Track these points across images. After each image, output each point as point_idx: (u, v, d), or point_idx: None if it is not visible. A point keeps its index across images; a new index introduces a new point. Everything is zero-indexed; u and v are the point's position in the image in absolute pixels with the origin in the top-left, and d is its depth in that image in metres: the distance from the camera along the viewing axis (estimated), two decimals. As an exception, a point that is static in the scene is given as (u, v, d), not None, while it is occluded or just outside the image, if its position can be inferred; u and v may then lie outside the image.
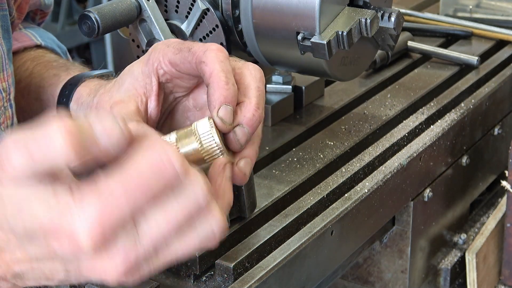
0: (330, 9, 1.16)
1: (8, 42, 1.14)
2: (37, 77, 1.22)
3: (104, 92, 1.02)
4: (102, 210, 0.68)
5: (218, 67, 0.89)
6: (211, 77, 0.89)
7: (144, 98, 0.96)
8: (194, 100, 1.00)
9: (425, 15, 1.82)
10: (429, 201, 1.30)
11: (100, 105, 1.00)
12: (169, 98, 1.00)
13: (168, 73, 0.96)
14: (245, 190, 1.00)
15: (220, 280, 0.96)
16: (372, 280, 1.35)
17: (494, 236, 1.46)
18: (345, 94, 1.44)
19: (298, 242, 1.00)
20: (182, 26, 1.25)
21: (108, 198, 0.68)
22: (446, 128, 1.32)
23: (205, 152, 0.88)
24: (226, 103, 0.88)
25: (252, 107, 0.90)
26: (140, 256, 0.70)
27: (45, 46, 1.33)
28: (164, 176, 0.69)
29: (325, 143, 1.26)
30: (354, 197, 1.11)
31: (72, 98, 1.12)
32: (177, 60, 0.94)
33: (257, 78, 0.93)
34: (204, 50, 0.91)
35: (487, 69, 1.57)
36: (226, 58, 0.91)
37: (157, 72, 0.96)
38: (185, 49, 0.93)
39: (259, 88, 0.92)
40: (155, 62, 0.95)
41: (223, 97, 0.88)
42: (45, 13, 1.38)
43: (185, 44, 0.94)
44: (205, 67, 0.90)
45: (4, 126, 1.13)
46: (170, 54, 0.94)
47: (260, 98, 0.91)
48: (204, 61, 0.90)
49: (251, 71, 0.93)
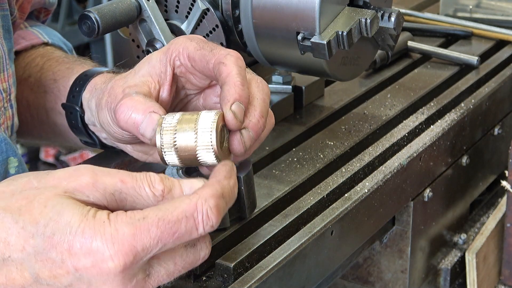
0: (330, 9, 1.16)
1: (9, 42, 1.13)
2: (48, 71, 1.23)
3: (120, 78, 1.03)
4: (135, 237, 0.77)
5: (236, 70, 0.92)
6: (228, 76, 0.92)
7: (158, 85, 0.98)
8: (204, 101, 1.02)
9: (425, 15, 1.82)
10: (429, 201, 1.30)
11: (113, 90, 1.00)
12: (180, 93, 1.02)
13: (184, 65, 0.98)
14: (245, 191, 1.00)
15: (220, 280, 0.96)
16: (372, 280, 1.35)
17: (494, 236, 1.46)
18: (345, 94, 1.44)
19: (298, 242, 1.00)
20: (182, 26, 1.25)
21: (143, 228, 0.78)
22: (446, 128, 1.32)
23: (197, 143, 0.89)
24: (240, 101, 0.90)
25: (257, 113, 0.92)
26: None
27: (52, 44, 1.34)
28: (190, 233, 0.79)
29: (325, 143, 1.26)
30: (354, 197, 1.11)
31: (86, 87, 1.13)
32: (196, 56, 0.96)
33: (264, 91, 0.96)
34: (226, 54, 0.94)
35: (487, 69, 1.57)
36: (243, 66, 0.94)
37: (174, 62, 0.98)
38: (207, 48, 0.96)
39: (265, 100, 0.95)
40: (174, 52, 0.98)
41: (238, 95, 0.91)
42: (48, 10, 1.38)
43: (208, 44, 0.97)
44: (223, 67, 0.93)
45: (4, 127, 1.13)
46: (191, 49, 0.97)
47: (264, 108, 0.94)
48: (224, 62, 0.93)
49: (258, 84, 0.96)
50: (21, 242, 0.79)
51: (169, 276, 0.82)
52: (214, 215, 0.80)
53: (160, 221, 0.78)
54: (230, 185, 0.83)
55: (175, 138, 0.90)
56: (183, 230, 0.79)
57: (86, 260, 0.77)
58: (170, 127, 0.90)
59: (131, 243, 0.77)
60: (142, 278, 0.80)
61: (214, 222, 0.80)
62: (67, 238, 0.78)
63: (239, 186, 0.99)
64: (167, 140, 0.90)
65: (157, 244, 0.78)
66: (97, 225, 0.77)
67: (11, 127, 1.14)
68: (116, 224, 0.77)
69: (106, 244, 0.77)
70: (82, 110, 1.13)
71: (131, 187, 0.82)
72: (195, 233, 0.80)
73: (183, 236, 0.79)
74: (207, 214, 0.79)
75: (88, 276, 0.78)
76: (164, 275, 0.82)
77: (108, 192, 0.81)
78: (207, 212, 0.79)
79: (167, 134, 0.90)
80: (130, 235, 0.77)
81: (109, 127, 1.03)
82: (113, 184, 0.81)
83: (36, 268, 0.79)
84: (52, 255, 0.78)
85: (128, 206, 0.82)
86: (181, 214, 0.79)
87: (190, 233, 0.79)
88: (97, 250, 0.77)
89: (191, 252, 0.83)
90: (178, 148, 0.90)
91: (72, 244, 0.77)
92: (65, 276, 0.78)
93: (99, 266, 0.77)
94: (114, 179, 0.81)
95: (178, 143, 0.90)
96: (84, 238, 0.77)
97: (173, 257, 0.82)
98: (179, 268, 0.82)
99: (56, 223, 0.78)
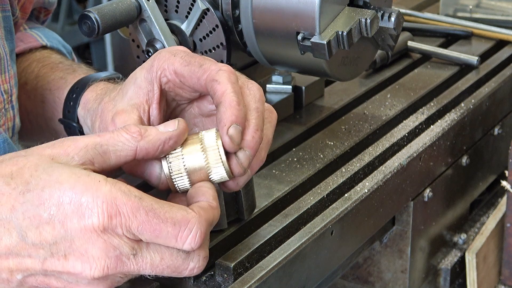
0: (330, 9, 1.16)
1: (11, 43, 1.13)
2: (43, 80, 1.22)
3: (109, 100, 1.02)
4: (124, 206, 0.80)
5: (231, 88, 0.91)
6: (223, 96, 0.91)
7: (147, 106, 0.97)
8: (199, 109, 1.01)
9: (425, 15, 1.82)
10: (429, 201, 1.30)
11: (104, 114, 1.01)
12: (171, 104, 1.00)
13: (172, 82, 0.96)
14: (243, 192, 1.00)
15: (220, 280, 0.96)
16: (372, 280, 1.35)
17: (494, 236, 1.46)
18: (345, 94, 1.44)
19: (298, 242, 1.00)
20: (182, 26, 1.25)
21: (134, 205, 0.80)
22: (446, 128, 1.32)
23: (208, 161, 0.89)
24: (237, 123, 0.90)
25: (251, 129, 0.91)
26: (122, 269, 0.82)
27: (51, 47, 1.33)
28: (169, 240, 0.82)
29: (325, 143, 1.26)
30: (354, 197, 1.11)
31: (80, 103, 1.13)
32: (184, 72, 0.95)
33: (257, 98, 0.94)
34: (217, 69, 0.92)
35: (487, 69, 1.57)
36: (236, 80, 0.93)
37: (160, 79, 0.96)
38: (196, 64, 0.94)
39: (258, 109, 0.93)
40: (158, 70, 0.96)
41: (235, 116, 0.90)
42: (48, 10, 1.38)
43: (195, 57, 0.95)
44: (217, 85, 0.91)
45: (5, 128, 1.13)
46: (177, 65, 0.95)
47: (259, 120, 0.92)
48: (217, 80, 0.92)
49: (250, 91, 0.94)
50: (11, 202, 0.81)
51: (152, 268, 0.83)
52: (199, 239, 0.83)
53: (151, 211, 0.81)
54: (217, 216, 0.87)
55: (183, 162, 0.89)
56: (164, 233, 0.81)
57: (73, 215, 0.80)
58: (175, 153, 0.90)
59: (119, 208, 0.80)
60: (127, 254, 0.81)
61: (195, 245, 0.83)
62: (57, 193, 0.80)
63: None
64: (176, 166, 0.90)
65: (137, 228, 0.80)
66: (91, 182, 0.80)
67: (12, 128, 1.14)
68: (112, 187, 0.80)
69: (97, 201, 0.80)
70: (79, 125, 1.13)
71: (109, 137, 0.86)
72: (172, 242, 0.82)
73: (161, 238, 0.82)
74: (194, 236, 0.82)
75: (72, 233, 0.80)
76: (148, 264, 0.83)
77: (89, 147, 0.84)
78: (195, 234, 0.82)
79: (174, 161, 0.90)
80: (120, 202, 0.80)
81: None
82: (92, 140, 0.85)
83: (24, 226, 0.81)
84: (40, 211, 0.81)
85: (113, 156, 0.86)
86: (172, 219, 0.81)
87: (168, 240, 0.82)
88: (86, 205, 0.80)
89: (181, 257, 0.84)
90: (189, 171, 0.90)
91: (61, 198, 0.80)
92: (50, 233, 0.81)
93: (84, 221, 0.80)
94: (92, 137, 0.86)
95: (187, 166, 0.90)
96: (74, 193, 0.80)
97: (162, 252, 0.83)
98: (164, 265, 0.84)
99: (46, 181, 0.81)
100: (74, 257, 0.81)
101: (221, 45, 1.24)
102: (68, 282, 0.83)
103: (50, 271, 0.82)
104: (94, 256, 0.81)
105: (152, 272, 0.84)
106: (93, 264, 0.81)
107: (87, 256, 0.81)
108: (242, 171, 0.91)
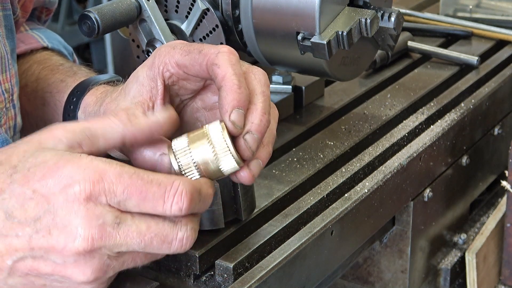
0: (330, 9, 1.16)
1: (12, 42, 1.13)
2: (44, 82, 1.22)
3: (111, 101, 1.02)
4: (106, 172, 0.81)
5: (231, 70, 0.90)
6: (223, 80, 0.90)
7: (151, 103, 0.97)
8: (202, 101, 1.01)
9: (425, 15, 1.82)
10: (429, 201, 1.30)
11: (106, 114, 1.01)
12: (175, 100, 1.00)
13: (175, 75, 0.96)
14: (242, 193, 1.00)
15: (220, 280, 0.96)
16: (372, 280, 1.35)
17: (494, 236, 1.46)
18: (345, 94, 1.44)
19: (298, 242, 1.00)
20: (182, 26, 1.25)
21: (116, 171, 0.81)
22: (446, 128, 1.32)
23: (215, 152, 0.89)
24: (239, 107, 0.89)
25: (258, 112, 0.91)
26: (107, 240, 0.81)
27: (52, 48, 1.33)
28: (156, 202, 0.82)
29: (325, 143, 1.26)
30: (354, 197, 1.11)
31: (80, 107, 1.13)
32: (186, 61, 0.94)
33: (262, 82, 0.94)
34: (216, 52, 0.92)
35: (487, 69, 1.57)
36: (237, 61, 0.92)
37: (163, 74, 0.96)
38: (195, 51, 0.94)
39: (264, 93, 0.93)
40: (160, 65, 0.96)
41: (236, 101, 0.89)
42: (50, 10, 1.38)
43: (193, 46, 0.95)
44: (217, 69, 0.91)
45: (6, 127, 1.13)
46: (178, 56, 0.95)
47: (265, 103, 0.92)
48: (217, 64, 0.91)
49: (255, 75, 0.94)
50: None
51: (139, 237, 0.82)
52: (186, 200, 0.83)
53: (135, 175, 0.81)
54: (209, 191, 0.87)
55: (191, 156, 0.89)
56: (151, 194, 0.82)
57: (55, 187, 0.81)
58: (183, 149, 0.90)
59: (101, 175, 0.81)
60: (111, 223, 0.81)
61: (183, 206, 0.82)
62: (41, 171, 0.82)
63: (236, 188, 0.99)
64: (185, 161, 0.90)
65: (122, 192, 0.81)
66: (73, 156, 0.82)
67: (13, 127, 1.14)
68: (93, 159, 0.82)
69: (78, 170, 0.81)
70: None
71: (97, 121, 0.87)
72: (160, 205, 0.82)
73: (148, 200, 0.82)
74: (180, 195, 0.82)
75: (55, 205, 0.81)
76: (134, 233, 0.82)
77: (77, 131, 0.85)
78: (181, 193, 0.82)
79: (183, 156, 0.90)
80: (102, 168, 0.81)
81: (113, 153, 1.02)
82: (80, 124, 0.87)
83: (10, 206, 0.82)
84: (25, 189, 0.82)
85: (101, 140, 0.86)
86: (156, 181, 0.82)
87: (156, 202, 0.82)
88: (68, 174, 0.81)
89: (168, 226, 0.84)
90: (197, 164, 0.89)
91: (44, 173, 0.82)
92: (34, 208, 0.81)
93: (66, 191, 0.80)
94: (81, 122, 0.87)
95: (196, 160, 0.89)
96: (57, 167, 0.81)
97: (148, 221, 0.83)
98: (151, 234, 0.83)
99: (32, 163, 0.83)
100: (57, 230, 0.81)
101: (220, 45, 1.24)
102: (56, 264, 0.82)
103: (37, 250, 0.82)
104: (77, 226, 0.80)
105: (140, 243, 0.83)
106: (76, 235, 0.80)
107: (70, 228, 0.80)
108: (251, 154, 0.90)
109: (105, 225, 0.81)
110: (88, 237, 0.80)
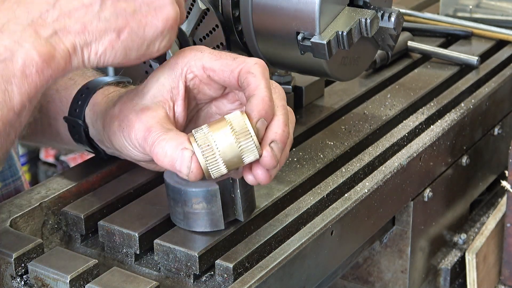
0: (330, 9, 1.16)
1: None
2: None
3: (127, 100, 1.01)
4: None
5: (265, 83, 0.94)
6: (257, 89, 0.93)
7: (171, 103, 0.98)
8: (217, 108, 1.02)
9: (425, 15, 1.82)
10: (429, 201, 1.30)
11: (123, 114, 1.00)
12: (191, 103, 1.01)
13: (199, 77, 0.97)
14: (241, 193, 1.00)
15: (220, 280, 0.96)
16: (372, 280, 1.35)
17: (494, 236, 1.46)
18: (345, 94, 1.44)
19: (298, 242, 1.00)
20: (182, 26, 1.25)
21: None
22: (446, 128, 1.32)
23: (237, 136, 0.91)
24: (264, 118, 0.93)
25: (281, 124, 0.94)
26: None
27: None
28: None
29: (325, 143, 1.26)
30: (354, 197, 1.11)
31: (88, 104, 1.12)
32: (215, 66, 0.96)
33: (281, 96, 0.97)
34: (253, 62, 0.95)
35: (487, 69, 1.57)
36: (269, 77, 0.97)
37: (185, 76, 0.97)
38: (228, 57, 0.97)
39: (284, 106, 0.96)
40: (184, 66, 0.97)
41: (264, 111, 0.93)
42: None
43: (223, 53, 0.98)
44: (252, 78, 0.94)
45: None
46: (206, 59, 0.97)
47: (286, 116, 0.95)
48: (253, 73, 0.94)
49: (275, 89, 0.97)
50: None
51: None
52: None
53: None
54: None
55: (217, 148, 0.91)
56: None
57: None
58: (205, 140, 0.91)
59: None
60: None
61: None
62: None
63: (235, 189, 0.99)
64: (209, 154, 0.91)
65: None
66: None
67: None
68: None
69: None
70: (85, 124, 1.13)
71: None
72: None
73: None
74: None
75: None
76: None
77: None
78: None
79: (207, 150, 0.91)
80: None
81: (127, 151, 1.02)
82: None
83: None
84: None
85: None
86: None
87: None
88: None
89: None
90: (222, 155, 0.91)
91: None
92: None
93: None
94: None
95: (221, 151, 0.91)
96: None
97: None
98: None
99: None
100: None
101: (221, 45, 1.24)
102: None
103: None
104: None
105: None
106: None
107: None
108: (276, 162, 0.93)
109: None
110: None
